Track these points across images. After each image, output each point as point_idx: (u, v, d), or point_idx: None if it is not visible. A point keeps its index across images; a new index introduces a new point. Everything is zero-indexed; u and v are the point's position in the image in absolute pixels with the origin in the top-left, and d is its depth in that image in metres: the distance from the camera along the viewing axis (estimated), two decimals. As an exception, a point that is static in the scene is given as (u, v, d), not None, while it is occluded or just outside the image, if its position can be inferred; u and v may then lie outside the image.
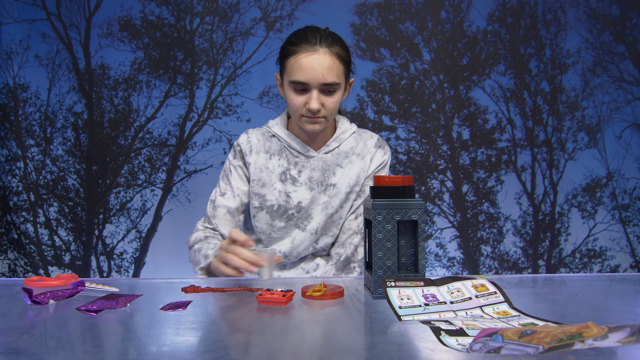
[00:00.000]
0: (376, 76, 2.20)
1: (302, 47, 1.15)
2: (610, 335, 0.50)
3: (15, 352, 0.62)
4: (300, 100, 1.17)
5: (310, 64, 1.14)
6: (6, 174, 2.14)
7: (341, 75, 1.18)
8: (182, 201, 2.19)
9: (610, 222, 2.24)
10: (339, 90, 1.18)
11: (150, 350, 0.63)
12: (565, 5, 2.22)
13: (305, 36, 1.16)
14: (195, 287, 0.97)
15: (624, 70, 2.23)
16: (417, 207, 0.91)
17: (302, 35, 1.17)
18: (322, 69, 1.14)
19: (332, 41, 1.16)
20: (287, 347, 0.63)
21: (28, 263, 2.15)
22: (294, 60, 1.15)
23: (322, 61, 1.14)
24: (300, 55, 1.15)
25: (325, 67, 1.14)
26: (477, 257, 2.22)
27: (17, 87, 2.14)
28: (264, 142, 1.30)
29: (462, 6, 2.21)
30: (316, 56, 1.14)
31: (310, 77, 1.14)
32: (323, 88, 1.16)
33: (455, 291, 0.82)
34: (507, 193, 2.23)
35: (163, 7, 2.17)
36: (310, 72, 1.14)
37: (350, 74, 1.25)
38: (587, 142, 2.24)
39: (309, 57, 1.14)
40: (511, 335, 0.52)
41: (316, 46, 1.15)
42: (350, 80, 1.27)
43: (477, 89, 2.22)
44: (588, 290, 1.04)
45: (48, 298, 0.86)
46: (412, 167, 2.21)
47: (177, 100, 2.18)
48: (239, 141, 1.31)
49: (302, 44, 1.15)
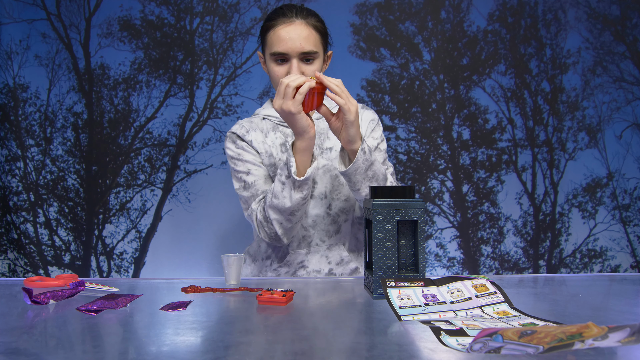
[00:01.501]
0: (376, 76, 2.20)
1: (279, 20, 1.23)
2: (610, 335, 0.50)
3: (15, 352, 0.62)
4: (281, 71, 1.23)
5: (288, 35, 1.21)
6: (6, 174, 2.14)
7: (318, 44, 1.25)
8: (182, 201, 2.19)
9: (611, 222, 2.24)
10: (318, 59, 1.25)
11: (150, 350, 0.63)
12: (565, 5, 2.22)
13: (282, 11, 1.25)
14: (195, 287, 0.97)
15: (624, 70, 2.23)
16: (417, 207, 0.91)
17: (279, 11, 1.26)
18: (299, 39, 1.21)
19: (307, 14, 1.25)
20: (287, 347, 0.63)
21: (28, 263, 2.15)
22: (273, 33, 1.23)
23: (299, 31, 1.21)
24: (278, 27, 1.23)
25: (303, 37, 1.21)
26: (477, 257, 2.22)
27: (17, 87, 2.14)
28: (256, 124, 1.35)
29: (462, 6, 2.21)
30: (293, 27, 1.22)
31: (289, 47, 1.21)
32: (302, 57, 1.22)
33: (455, 291, 0.82)
34: (508, 193, 2.23)
35: (163, 7, 2.17)
36: (288, 43, 1.21)
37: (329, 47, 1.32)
38: (588, 142, 2.24)
39: (285, 28, 1.21)
40: (511, 335, 0.52)
41: (292, 18, 1.23)
42: (329, 52, 1.33)
43: (478, 88, 2.22)
44: (588, 290, 1.04)
45: (48, 298, 0.86)
46: (412, 167, 2.21)
47: (177, 100, 2.18)
48: (233, 129, 1.35)
49: (279, 17, 1.24)
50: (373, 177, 1.18)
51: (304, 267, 1.30)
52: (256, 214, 1.26)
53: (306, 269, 1.30)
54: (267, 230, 1.24)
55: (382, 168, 1.21)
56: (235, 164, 1.31)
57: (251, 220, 1.29)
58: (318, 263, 1.30)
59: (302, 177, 1.15)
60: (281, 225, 1.22)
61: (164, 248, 2.18)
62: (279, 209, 1.20)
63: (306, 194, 1.19)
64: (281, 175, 1.18)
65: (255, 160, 1.31)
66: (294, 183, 1.16)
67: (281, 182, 1.18)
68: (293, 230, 1.25)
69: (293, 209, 1.19)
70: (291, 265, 1.31)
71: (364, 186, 1.18)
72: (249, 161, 1.30)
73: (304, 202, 1.20)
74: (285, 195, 1.18)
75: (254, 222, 1.28)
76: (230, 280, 1.02)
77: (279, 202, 1.19)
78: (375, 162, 1.18)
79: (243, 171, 1.30)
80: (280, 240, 1.25)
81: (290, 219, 1.21)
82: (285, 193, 1.18)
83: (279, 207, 1.19)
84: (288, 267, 1.31)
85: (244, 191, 1.29)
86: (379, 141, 1.35)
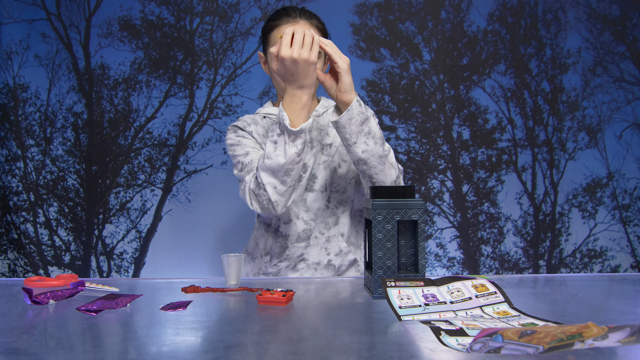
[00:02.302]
0: (376, 76, 2.20)
1: (283, 19, 1.27)
2: (610, 335, 0.50)
3: (15, 352, 0.62)
4: None
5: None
6: (6, 174, 2.14)
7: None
8: (182, 201, 2.19)
9: (611, 222, 2.24)
10: (320, 59, 1.27)
11: (150, 350, 0.63)
12: (565, 5, 2.22)
13: (286, 11, 1.28)
14: (195, 287, 0.97)
15: (624, 70, 2.23)
16: (417, 207, 0.91)
17: (282, 12, 1.29)
18: None
19: (310, 15, 1.29)
20: (287, 347, 0.63)
21: (28, 263, 2.15)
22: (277, 32, 1.27)
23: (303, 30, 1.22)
24: (282, 26, 1.26)
25: None
26: (477, 257, 2.22)
27: (17, 87, 2.14)
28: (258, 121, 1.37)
29: (462, 6, 2.21)
30: (297, 26, 1.25)
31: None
32: None
33: (455, 291, 0.82)
34: (508, 193, 2.23)
35: (163, 7, 2.17)
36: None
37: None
38: (588, 142, 2.24)
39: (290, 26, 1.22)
40: (511, 335, 0.52)
41: (297, 18, 1.27)
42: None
43: (478, 88, 2.22)
44: (588, 290, 1.04)
45: (48, 298, 0.86)
46: (412, 167, 2.21)
47: (177, 100, 2.18)
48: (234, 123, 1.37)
49: (283, 17, 1.27)
50: (369, 134, 1.16)
51: (304, 260, 1.31)
52: (249, 185, 1.21)
53: (306, 261, 1.30)
54: (260, 198, 1.18)
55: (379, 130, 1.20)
56: (234, 150, 1.30)
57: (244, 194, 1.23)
58: (317, 255, 1.31)
59: (297, 128, 1.13)
60: (275, 189, 1.16)
61: (164, 248, 2.18)
62: (272, 169, 1.15)
63: (300, 149, 1.15)
64: (272, 135, 1.16)
65: (255, 144, 1.31)
66: (288, 136, 1.13)
67: (273, 141, 1.15)
68: (287, 196, 1.19)
69: (287, 166, 1.14)
70: (291, 259, 1.31)
71: (360, 141, 1.16)
72: (248, 145, 1.30)
73: (299, 159, 1.16)
74: (278, 153, 1.14)
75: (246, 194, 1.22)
76: (230, 280, 1.02)
77: (272, 161, 1.15)
78: (371, 119, 1.18)
79: (241, 154, 1.27)
80: (274, 208, 1.18)
81: (285, 180, 1.16)
82: (278, 151, 1.15)
83: (272, 167, 1.15)
84: (288, 262, 1.31)
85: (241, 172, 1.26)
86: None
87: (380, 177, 1.21)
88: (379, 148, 1.18)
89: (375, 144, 1.17)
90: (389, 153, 1.22)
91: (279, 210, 1.19)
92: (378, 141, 1.18)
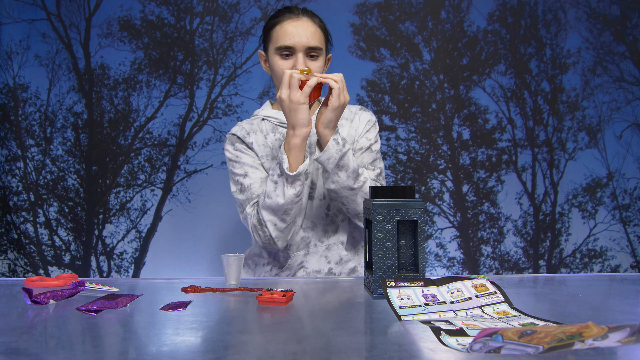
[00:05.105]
0: (376, 76, 2.20)
1: (285, 16, 1.27)
2: (610, 335, 0.50)
3: (15, 352, 0.62)
4: (286, 65, 1.25)
5: (295, 29, 1.24)
6: (6, 174, 2.14)
7: (323, 42, 1.29)
8: (182, 201, 2.19)
9: (611, 222, 2.24)
10: (322, 56, 1.28)
11: (150, 350, 0.63)
12: (565, 5, 2.22)
13: (288, 9, 1.29)
14: (195, 287, 0.97)
15: (624, 70, 2.23)
16: (417, 207, 0.91)
17: (284, 10, 1.29)
18: (306, 33, 1.24)
19: (311, 14, 1.29)
20: (287, 347, 0.63)
21: (28, 263, 2.15)
22: (279, 28, 1.26)
23: (306, 27, 1.25)
24: (285, 23, 1.26)
25: (310, 32, 1.25)
26: (477, 257, 2.22)
27: (17, 87, 2.14)
28: (257, 125, 1.36)
29: (462, 6, 2.21)
30: (300, 22, 1.25)
31: (296, 41, 1.23)
32: (308, 52, 1.25)
33: (455, 291, 0.82)
34: (508, 193, 2.23)
35: (163, 7, 2.17)
36: (295, 37, 1.23)
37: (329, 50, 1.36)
38: (588, 142, 2.24)
39: (293, 23, 1.25)
40: (511, 335, 0.52)
41: (299, 15, 1.27)
42: (329, 55, 1.36)
43: (477, 88, 2.22)
44: (588, 290, 1.04)
45: (48, 298, 0.86)
46: (412, 167, 2.21)
47: (177, 100, 2.18)
48: (233, 131, 1.36)
49: (286, 14, 1.27)
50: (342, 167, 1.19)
51: (303, 268, 1.30)
52: (250, 218, 1.26)
53: (306, 269, 1.30)
54: (261, 233, 1.23)
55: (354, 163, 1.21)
56: (233, 166, 1.31)
57: (246, 224, 1.29)
58: (317, 263, 1.30)
59: (295, 172, 1.16)
60: (275, 226, 1.21)
61: (164, 248, 2.18)
62: (272, 209, 1.20)
63: (299, 191, 1.18)
64: (273, 175, 1.19)
65: (254, 162, 1.31)
66: (286, 179, 1.16)
67: (273, 181, 1.19)
68: (287, 232, 1.24)
69: (287, 207, 1.19)
70: (292, 268, 1.31)
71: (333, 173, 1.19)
72: (246, 163, 1.30)
73: (298, 199, 1.19)
74: (278, 194, 1.18)
75: (249, 227, 1.27)
76: (230, 280, 1.02)
77: (272, 201, 1.19)
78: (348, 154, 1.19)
79: (240, 174, 1.29)
80: (275, 244, 1.24)
81: (284, 218, 1.20)
82: (278, 191, 1.18)
83: (272, 206, 1.19)
84: (289, 270, 1.31)
85: (239, 194, 1.29)
86: (372, 142, 1.35)
87: (352, 206, 1.25)
88: (350, 181, 1.20)
89: (347, 177, 1.19)
90: (364, 185, 1.23)
91: (280, 245, 1.25)
92: (350, 175, 1.20)
